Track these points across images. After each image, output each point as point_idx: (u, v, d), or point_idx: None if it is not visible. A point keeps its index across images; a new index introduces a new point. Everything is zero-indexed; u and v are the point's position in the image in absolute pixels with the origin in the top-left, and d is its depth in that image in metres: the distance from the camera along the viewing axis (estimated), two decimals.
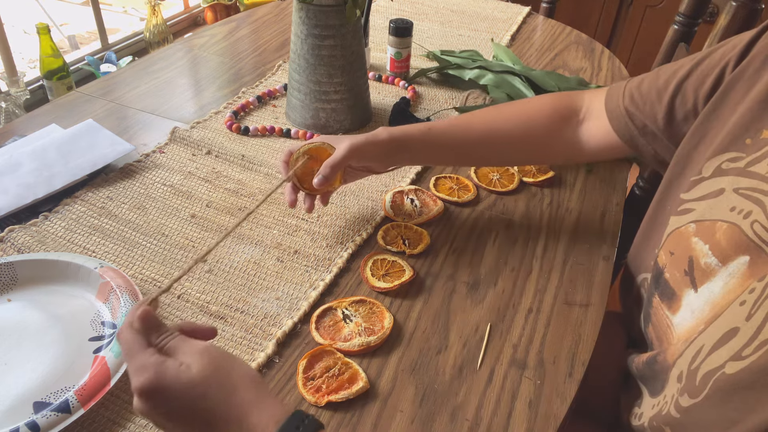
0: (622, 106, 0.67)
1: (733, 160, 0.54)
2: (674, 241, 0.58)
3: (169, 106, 0.99)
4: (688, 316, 0.55)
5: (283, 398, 0.56)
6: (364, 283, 0.68)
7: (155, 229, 0.74)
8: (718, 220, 0.53)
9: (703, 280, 0.54)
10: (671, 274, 0.58)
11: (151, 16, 2.34)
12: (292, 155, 0.70)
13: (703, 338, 0.51)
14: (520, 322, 0.65)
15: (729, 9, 0.87)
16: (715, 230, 0.53)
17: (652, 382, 0.59)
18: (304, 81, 0.90)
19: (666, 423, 0.54)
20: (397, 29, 1.05)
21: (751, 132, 0.53)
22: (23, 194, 0.76)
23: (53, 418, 0.49)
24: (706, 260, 0.53)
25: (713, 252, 0.53)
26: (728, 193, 0.53)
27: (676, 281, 0.57)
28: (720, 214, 0.53)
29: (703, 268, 0.53)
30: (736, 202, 0.52)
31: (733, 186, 0.53)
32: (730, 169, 0.54)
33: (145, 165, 0.85)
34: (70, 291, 0.64)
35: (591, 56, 1.26)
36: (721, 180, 0.54)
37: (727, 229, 0.52)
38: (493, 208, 0.81)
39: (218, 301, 0.65)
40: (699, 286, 0.54)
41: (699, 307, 0.54)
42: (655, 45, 1.24)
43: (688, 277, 0.55)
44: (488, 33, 1.34)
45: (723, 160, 0.55)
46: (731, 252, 0.51)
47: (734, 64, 0.56)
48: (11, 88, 1.83)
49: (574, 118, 0.72)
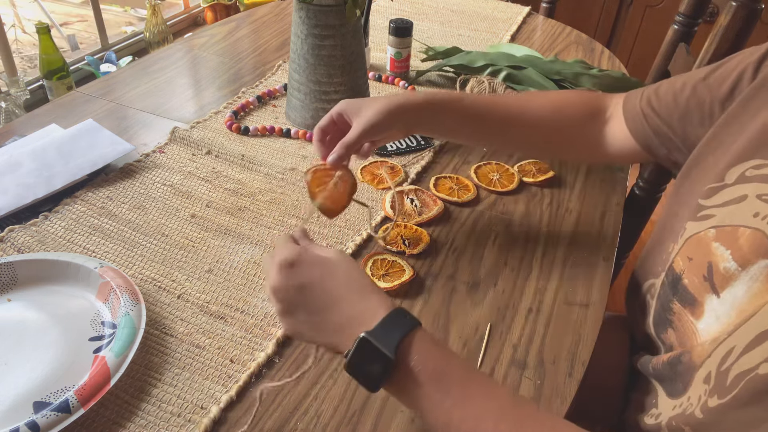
0: (639, 107, 0.67)
1: (757, 167, 0.53)
2: (692, 247, 0.58)
3: (169, 106, 0.99)
4: (713, 322, 0.55)
5: (284, 398, 0.56)
6: None
7: (155, 229, 0.74)
8: (740, 226, 0.52)
9: (724, 285, 0.53)
10: (690, 279, 0.57)
11: (151, 16, 2.34)
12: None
13: (733, 340, 0.50)
14: (520, 322, 0.65)
15: (729, 9, 0.86)
16: (737, 236, 0.52)
17: (672, 383, 0.58)
18: (304, 81, 0.90)
19: (687, 423, 0.53)
20: (397, 29, 1.05)
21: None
22: (23, 194, 0.76)
23: (53, 418, 0.49)
24: (725, 264, 0.53)
25: (734, 257, 0.52)
26: (751, 198, 0.52)
27: (696, 287, 0.57)
28: (742, 219, 0.52)
29: (723, 273, 0.53)
30: (760, 207, 0.51)
31: (756, 192, 0.52)
32: (754, 176, 0.53)
33: (145, 165, 0.85)
34: (70, 291, 0.64)
35: (591, 56, 1.26)
36: (745, 187, 0.54)
37: (750, 234, 0.51)
38: (493, 208, 0.81)
39: (218, 301, 0.65)
40: (721, 292, 0.53)
41: (725, 312, 0.53)
42: (655, 45, 1.24)
43: (707, 282, 0.55)
44: (488, 33, 1.34)
45: (747, 168, 0.54)
46: (752, 256, 0.51)
47: (753, 70, 0.57)
48: (11, 88, 1.83)
49: (600, 116, 0.72)
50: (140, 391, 0.55)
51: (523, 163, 0.89)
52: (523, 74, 1.03)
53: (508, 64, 1.06)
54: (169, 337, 0.61)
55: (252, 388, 0.56)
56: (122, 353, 0.55)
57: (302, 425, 0.54)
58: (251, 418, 0.54)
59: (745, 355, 0.48)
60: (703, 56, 0.93)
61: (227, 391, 0.56)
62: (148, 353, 0.59)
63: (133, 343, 0.56)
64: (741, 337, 0.49)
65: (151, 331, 0.61)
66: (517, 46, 1.21)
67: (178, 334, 0.61)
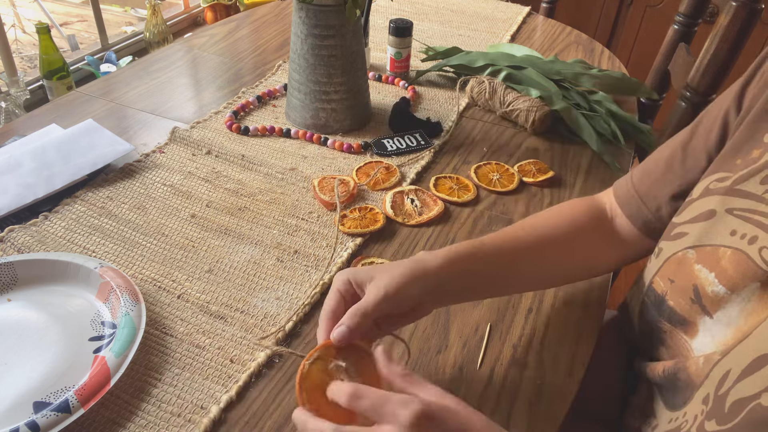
0: (632, 190, 0.64)
1: (720, 180, 0.53)
2: (673, 268, 0.56)
3: (169, 106, 0.99)
4: (708, 341, 0.54)
5: (284, 398, 0.56)
6: None
7: (155, 229, 0.74)
8: (720, 246, 0.51)
9: (715, 308, 0.52)
10: (675, 301, 0.56)
11: (151, 16, 2.34)
12: None
13: (729, 362, 0.49)
14: (520, 322, 0.65)
15: (729, 9, 0.86)
16: (719, 257, 0.51)
17: (672, 395, 0.57)
18: (304, 81, 0.90)
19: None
20: (397, 29, 1.05)
21: (743, 152, 0.52)
22: (23, 194, 0.76)
23: (53, 418, 0.49)
24: (713, 288, 0.51)
25: (720, 280, 0.51)
26: (722, 214, 0.52)
27: (685, 309, 0.55)
28: (720, 238, 0.51)
29: (711, 296, 0.52)
30: (735, 225, 0.50)
31: (724, 206, 0.51)
32: (716, 188, 0.53)
33: (145, 165, 0.85)
34: (70, 291, 0.64)
35: (591, 56, 1.26)
36: (710, 200, 0.53)
37: (732, 255, 0.50)
38: (493, 208, 0.81)
39: (218, 301, 0.65)
40: (713, 313, 0.52)
41: (720, 331, 0.52)
42: (655, 45, 1.24)
43: (697, 305, 0.54)
44: (488, 33, 1.35)
45: (711, 181, 0.54)
46: (739, 281, 0.49)
47: (735, 109, 0.56)
48: (11, 88, 1.83)
49: (605, 217, 0.67)
50: (140, 391, 0.55)
51: (523, 163, 0.89)
52: (523, 74, 1.03)
53: (508, 64, 1.06)
54: (169, 337, 0.61)
55: (252, 388, 0.56)
56: (122, 353, 0.55)
57: None
58: (251, 417, 0.54)
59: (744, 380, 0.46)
60: (703, 56, 0.93)
61: (227, 391, 0.56)
62: (148, 353, 0.59)
63: (133, 343, 0.56)
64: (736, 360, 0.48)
65: (151, 331, 0.61)
66: (517, 46, 1.21)
67: (178, 334, 0.61)
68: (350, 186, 0.81)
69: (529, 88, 1.00)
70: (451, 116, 1.01)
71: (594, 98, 1.01)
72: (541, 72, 1.04)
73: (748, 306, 0.49)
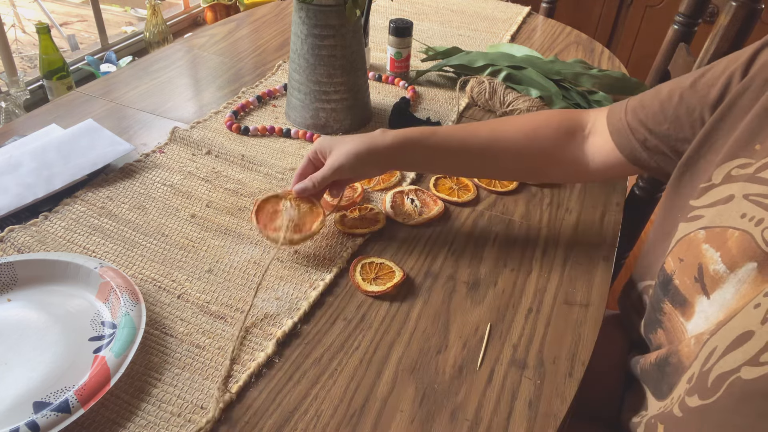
0: (624, 120, 0.66)
1: (742, 167, 0.53)
2: (684, 248, 0.58)
3: (169, 106, 0.99)
4: (701, 323, 0.55)
5: (284, 398, 0.56)
6: (356, 288, 0.67)
7: (155, 229, 0.74)
8: (729, 227, 0.52)
9: (713, 287, 0.53)
10: (681, 280, 0.57)
11: (151, 16, 2.34)
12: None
13: (715, 340, 0.50)
14: (520, 322, 0.65)
15: (729, 9, 0.86)
16: (726, 237, 0.52)
17: (658, 384, 0.58)
18: (304, 81, 0.90)
19: (662, 421, 0.53)
20: (397, 29, 1.05)
21: (761, 137, 0.53)
22: (23, 194, 0.76)
23: (53, 417, 0.49)
24: (714, 267, 0.53)
25: (722, 259, 0.52)
26: (738, 199, 0.52)
27: (687, 288, 0.57)
28: (730, 221, 0.52)
29: (712, 275, 0.53)
30: (747, 208, 0.51)
31: (743, 192, 0.52)
32: (739, 175, 0.53)
33: (145, 165, 0.85)
34: (70, 291, 0.64)
35: (591, 56, 1.26)
36: (731, 186, 0.54)
37: (739, 236, 0.51)
38: (493, 208, 0.81)
39: (218, 301, 0.65)
40: (711, 293, 0.54)
41: (713, 313, 0.53)
42: (655, 45, 1.24)
43: (698, 284, 0.55)
44: (488, 33, 1.35)
45: (733, 167, 0.54)
46: (739, 259, 0.51)
47: (741, 74, 0.56)
48: (11, 88, 1.83)
49: (579, 133, 0.71)
50: (140, 391, 0.55)
51: None
52: (523, 74, 1.03)
53: (508, 64, 1.06)
54: (169, 337, 0.61)
55: (252, 388, 0.56)
56: (122, 353, 0.55)
57: (302, 425, 0.54)
58: (251, 417, 0.54)
59: (727, 356, 0.48)
60: (703, 56, 0.93)
61: (227, 391, 0.56)
62: (148, 353, 0.59)
63: (133, 343, 0.56)
64: (722, 338, 0.49)
65: (151, 331, 0.61)
66: (517, 46, 1.21)
67: (178, 334, 0.61)
68: (356, 192, 0.80)
69: (529, 88, 1.00)
70: (451, 116, 1.01)
71: (594, 98, 1.01)
72: (541, 72, 1.04)
73: (742, 289, 0.50)
